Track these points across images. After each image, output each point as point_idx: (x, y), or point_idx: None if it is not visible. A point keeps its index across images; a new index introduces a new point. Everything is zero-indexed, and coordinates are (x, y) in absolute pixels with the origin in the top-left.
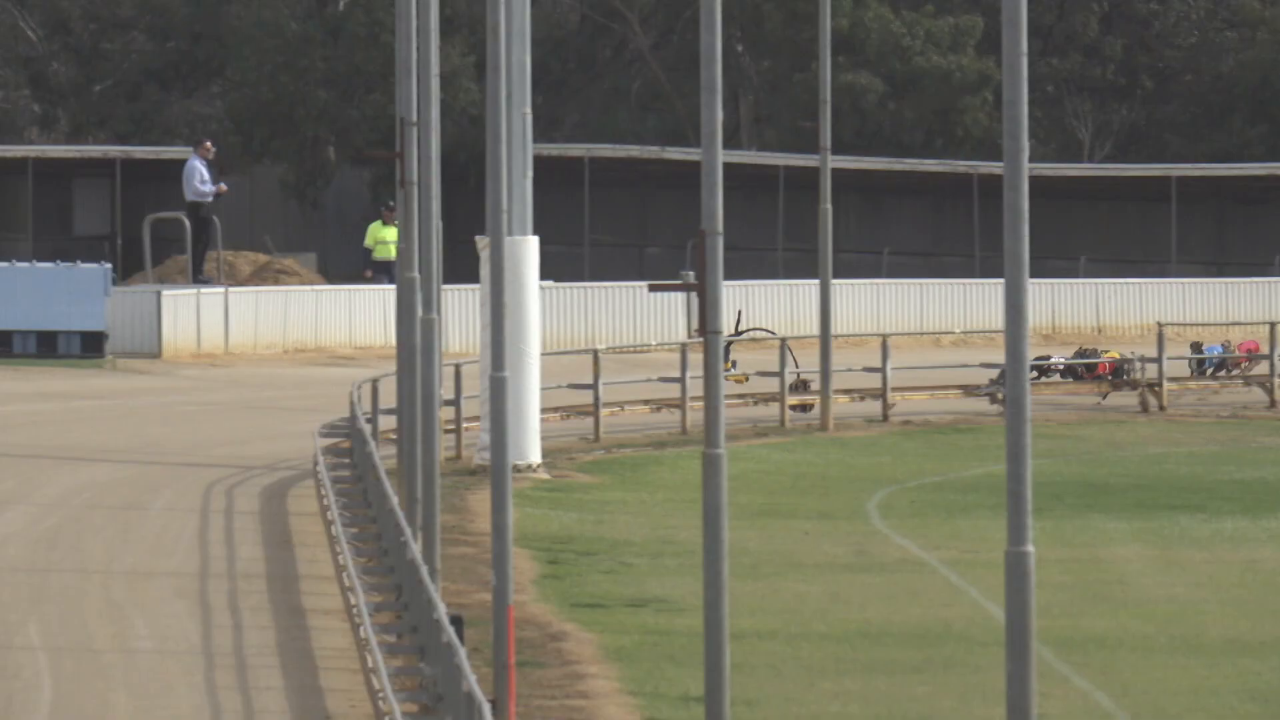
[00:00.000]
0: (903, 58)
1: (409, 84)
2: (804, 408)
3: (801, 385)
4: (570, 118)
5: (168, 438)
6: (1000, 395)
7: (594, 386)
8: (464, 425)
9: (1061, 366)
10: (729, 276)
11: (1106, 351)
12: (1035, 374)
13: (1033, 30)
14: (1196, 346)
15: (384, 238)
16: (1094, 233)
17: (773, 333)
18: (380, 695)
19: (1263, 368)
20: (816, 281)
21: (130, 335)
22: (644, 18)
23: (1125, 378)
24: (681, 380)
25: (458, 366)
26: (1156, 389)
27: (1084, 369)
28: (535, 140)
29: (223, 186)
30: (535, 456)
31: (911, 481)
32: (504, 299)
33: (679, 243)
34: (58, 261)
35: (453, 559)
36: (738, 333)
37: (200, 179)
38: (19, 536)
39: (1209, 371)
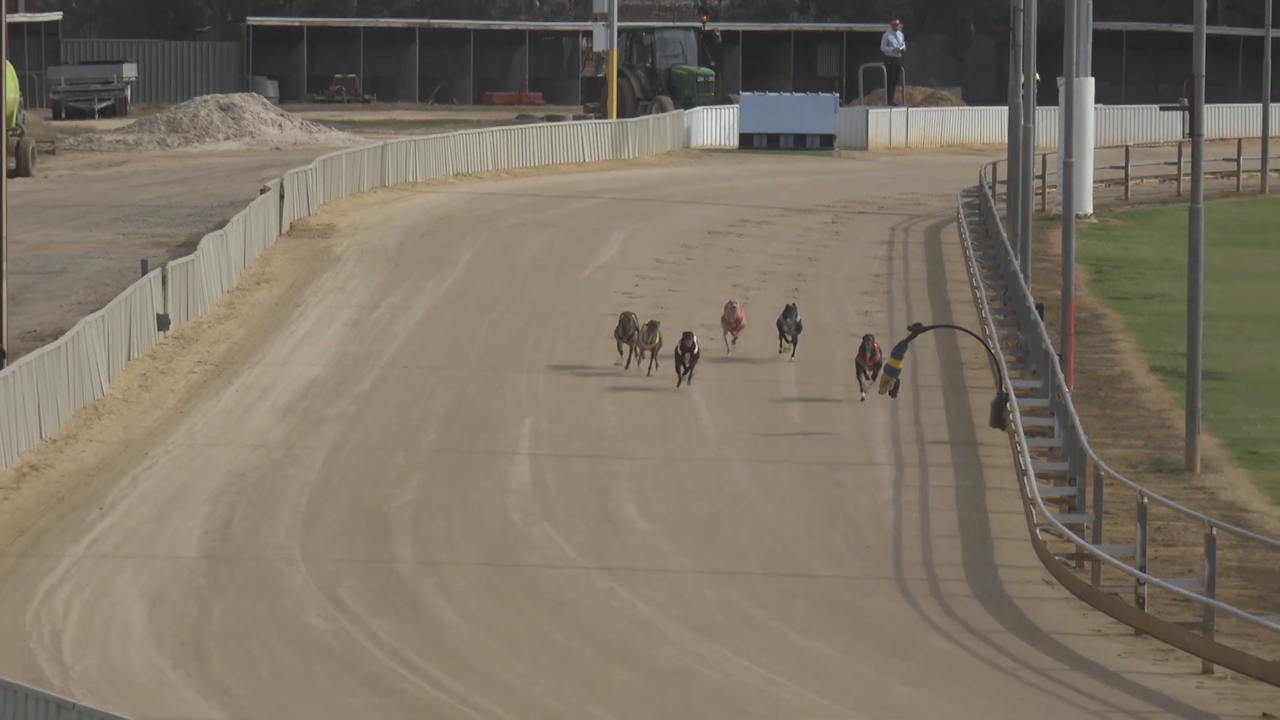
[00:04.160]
0: None
1: None
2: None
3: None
4: None
5: (868, 196)
6: None
7: (1124, 167)
8: (1047, 190)
9: None
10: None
11: None
12: None
13: None
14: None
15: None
16: None
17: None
18: (994, 350)
19: None
20: None
21: (849, 136)
22: None
23: None
24: (1178, 163)
25: (1044, 156)
26: None
27: None
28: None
29: (902, 46)
30: (1088, 208)
31: None
32: (1072, 115)
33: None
34: (806, 93)
35: (1037, 271)
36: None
37: (887, 43)
38: (780, 254)
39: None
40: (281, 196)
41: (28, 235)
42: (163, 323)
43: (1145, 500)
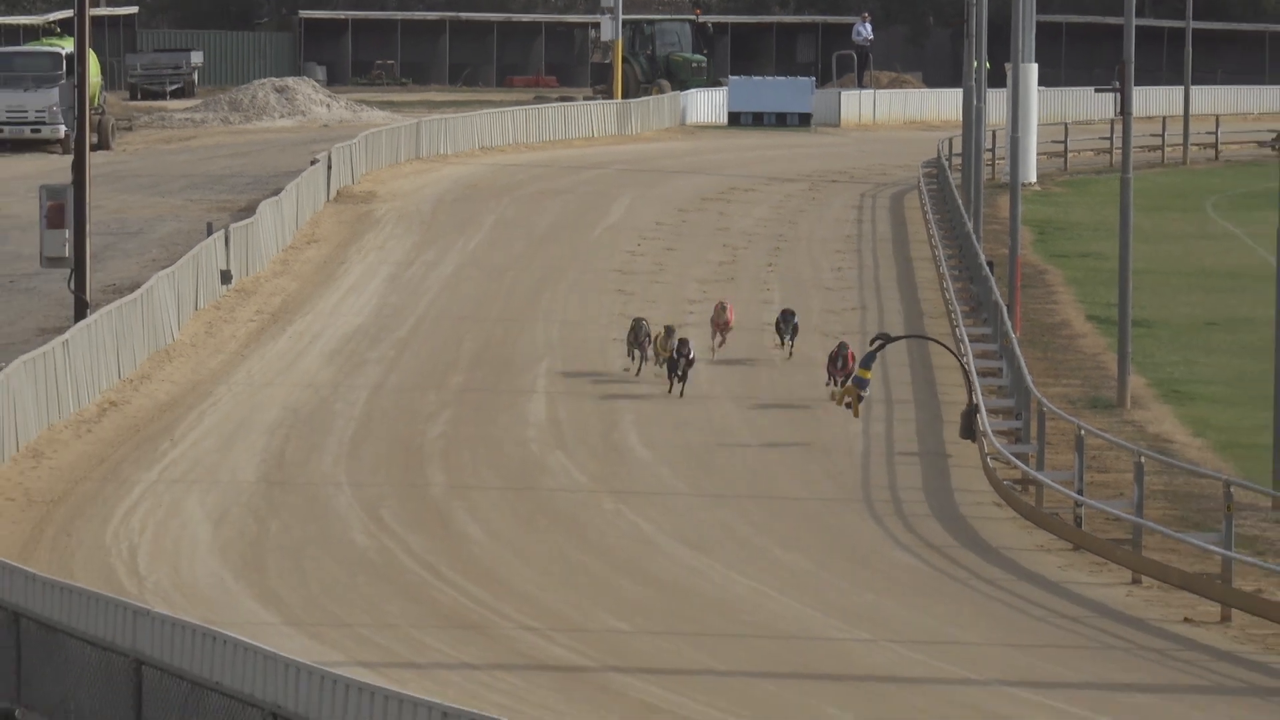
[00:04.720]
0: None
1: None
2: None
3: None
4: None
5: (840, 167)
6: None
7: (1064, 142)
8: (997, 161)
9: None
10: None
11: None
12: None
13: None
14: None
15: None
16: None
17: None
18: (950, 302)
19: None
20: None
21: (824, 115)
22: None
23: None
24: (1110, 138)
25: (994, 132)
26: None
27: None
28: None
29: (870, 36)
30: (1033, 177)
31: (1230, 191)
32: (1018, 96)
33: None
34: (786, 77)
35: (988, 232)
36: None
37: (857, 33)
38: (764, 218)
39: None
40: (329, 167)
41: (108, 201)
42: (225, 277)
43: (1082, 432)
